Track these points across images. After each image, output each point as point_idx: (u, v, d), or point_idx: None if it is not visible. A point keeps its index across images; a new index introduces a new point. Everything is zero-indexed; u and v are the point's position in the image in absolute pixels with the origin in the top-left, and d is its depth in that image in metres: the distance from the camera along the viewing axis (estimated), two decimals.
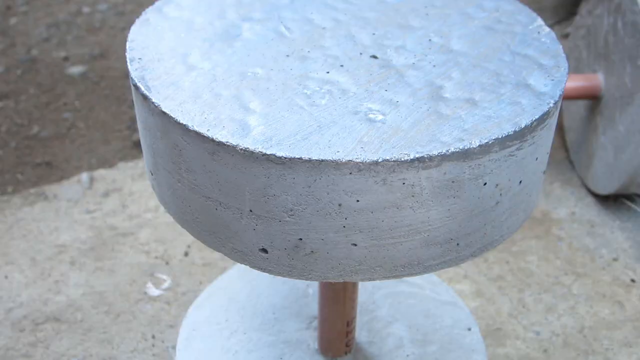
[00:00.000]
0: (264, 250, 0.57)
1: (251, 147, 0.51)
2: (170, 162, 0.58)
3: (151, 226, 1.28)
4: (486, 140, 0.52)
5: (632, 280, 1.19)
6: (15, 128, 1.57)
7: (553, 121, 0.59)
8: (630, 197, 1.37)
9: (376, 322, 0.96)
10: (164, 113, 0.55)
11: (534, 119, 0.55)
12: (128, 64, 0.61)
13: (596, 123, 1.35)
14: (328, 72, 0.60)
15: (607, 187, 1.31)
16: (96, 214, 1.32)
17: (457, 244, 0.57)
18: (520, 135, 0.54)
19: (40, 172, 1.44)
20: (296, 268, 0.57)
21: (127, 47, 0.64)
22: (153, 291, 1.15)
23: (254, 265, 0.58)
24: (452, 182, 0.53)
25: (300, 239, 0.55)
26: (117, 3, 2.07)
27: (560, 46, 0.65)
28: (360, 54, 0.63)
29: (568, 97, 1.33)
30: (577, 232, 1.30)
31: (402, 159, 0.50)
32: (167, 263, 1.20)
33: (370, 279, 0.57)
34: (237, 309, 0.98)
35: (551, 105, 0.57)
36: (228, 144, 0.52)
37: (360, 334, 0.94)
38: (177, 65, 0.61)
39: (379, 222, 0.53)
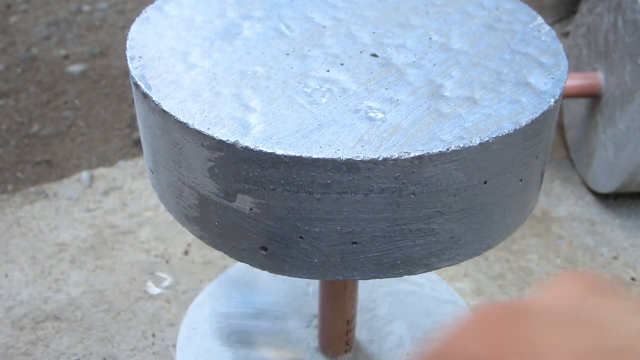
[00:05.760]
0: (264, 249, 0.57)
1: (251, 146, 0.51)
2: (170, 160, 0.58)
3: (151, 224, 1.28)
4: (486, 139, 0.52)
5: (633, 279, 1.19)
6: (15, 126, 1.57)
7: (553, 120, 0.59)
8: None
9: (376, 320, 0.96)
10: (164, 111, 0.55)
11: (534, 117, 0.55)
12: (128, 62, 0.61)
13: (596, 121, 1.35)
14: (328, 71, 0.60)
15: (607, 186, 1.31)
16: (96, 212, 1.31)
17: (458, 242, 0.57)
18: (521, 133, 0.54)
19: (40, 170, 1.44)
20: (296, 266, 0.57)
21: (127, 45, 0.64)
22: (153, 290, 1.15)
23: (254, 264, 0.58)
24: (453, 180, 0.53)
25: (301, 237, 0.55)
26: (117, 1, 2.07)
27: (561, 44, 0.65)
28: (361, 52, 0.63)
29: (568, 95, 1.33)
30: (578, 231, 1.30)
31: (403, 157, 0.50)
32: (167, 261, 1.20)
33: (370, 278, 0.57)
34: (237, 307, 0.98)
35: (551, 103, 0.56)
36: (228, 142, 0.52)
37: (361, 333, 0.94)
38: (177, 63, 0.61)
39: (379, 220, 0.53)
